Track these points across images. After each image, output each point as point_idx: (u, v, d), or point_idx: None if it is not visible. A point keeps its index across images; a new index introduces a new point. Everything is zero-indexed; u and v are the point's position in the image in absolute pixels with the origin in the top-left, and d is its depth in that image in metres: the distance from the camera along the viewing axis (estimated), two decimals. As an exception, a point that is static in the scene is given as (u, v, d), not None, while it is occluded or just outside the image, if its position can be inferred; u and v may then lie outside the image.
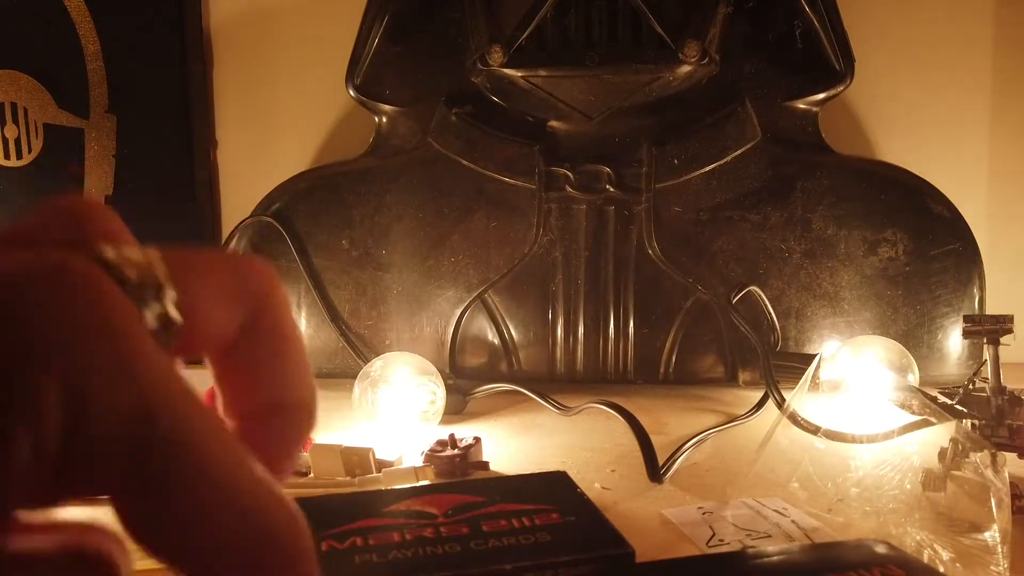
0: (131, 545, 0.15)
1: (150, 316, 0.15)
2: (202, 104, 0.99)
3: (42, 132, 0.94)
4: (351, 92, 0.88)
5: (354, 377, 0.71)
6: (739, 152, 0.83)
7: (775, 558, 0.35)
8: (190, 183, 0.96)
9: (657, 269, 0.83)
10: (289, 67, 0.99)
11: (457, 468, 0.55)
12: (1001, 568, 0.40)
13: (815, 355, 0.66)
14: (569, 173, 0.83)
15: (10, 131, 0.94)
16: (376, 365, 0.70)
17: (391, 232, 0.86)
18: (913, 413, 0.57)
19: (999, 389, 0.53)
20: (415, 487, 0.44)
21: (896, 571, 0.32)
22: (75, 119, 0.95)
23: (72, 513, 0.15)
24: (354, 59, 0.87)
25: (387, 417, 0.68)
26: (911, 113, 0.94)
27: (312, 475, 0.55)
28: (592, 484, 0.55)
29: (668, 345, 0.83)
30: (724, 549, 0.43)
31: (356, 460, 0.55)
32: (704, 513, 0.48)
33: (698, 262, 0.83)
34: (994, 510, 0.43)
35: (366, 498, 0.41)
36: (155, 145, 0.96)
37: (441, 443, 0.57)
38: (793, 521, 0.46)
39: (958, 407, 0.54)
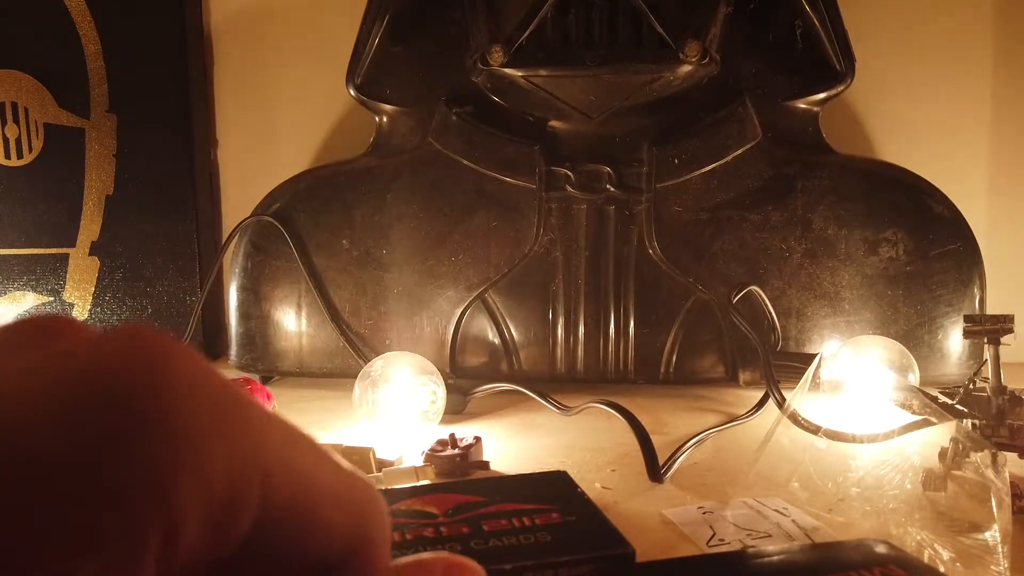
0: None
1: None
2: (202, 104, 0.99)
3: (42, 132, 0.94)
4: (351, 92, 0.88)
5: (354, 377, 0.70)
6: (739, 152, 0.83)
7: (775, 558, 0.35)
8: (190, 183, 0.96)
9: (657, 269, 0.83)
10: (289, 67, 0.99)
11: (457, 468, 0.55)
12: (1001, 568, 0.40)
13: (815, 355, 0.65)
14: (570, 173, 0.83)
15: (10, 131, 0.94)
16: (376, 365, 0.70)
17: (391, 232, 0.86)
18: (913, 413, 0.57)
19: (999, 389, 0.53)
20: (415, 487, 0.44)
21: (896, 571, 0.32)
22: (75, 119, 0.95)
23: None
24: (354, 59, 0.87)
25: (387, 417, 0.68)
26: (911, 113, 0.94)
27: (312, 475, 0.55)
28: (592, 484, 0.55)
29: (668, 345, 0.82)
30: (724, 549, 0.43)
31: (356, 460, 0.55)
32: (704, 513, 0.48)
33: (698, 262, 0.83)
34: (995, 510, 0.43)
35: (366, 498, 0.41)
36: (155, 145, 0.95)
37: (441, 443, 0.57)
38: (793, 521, 0.46)
39: (958, 407, 0.54)
